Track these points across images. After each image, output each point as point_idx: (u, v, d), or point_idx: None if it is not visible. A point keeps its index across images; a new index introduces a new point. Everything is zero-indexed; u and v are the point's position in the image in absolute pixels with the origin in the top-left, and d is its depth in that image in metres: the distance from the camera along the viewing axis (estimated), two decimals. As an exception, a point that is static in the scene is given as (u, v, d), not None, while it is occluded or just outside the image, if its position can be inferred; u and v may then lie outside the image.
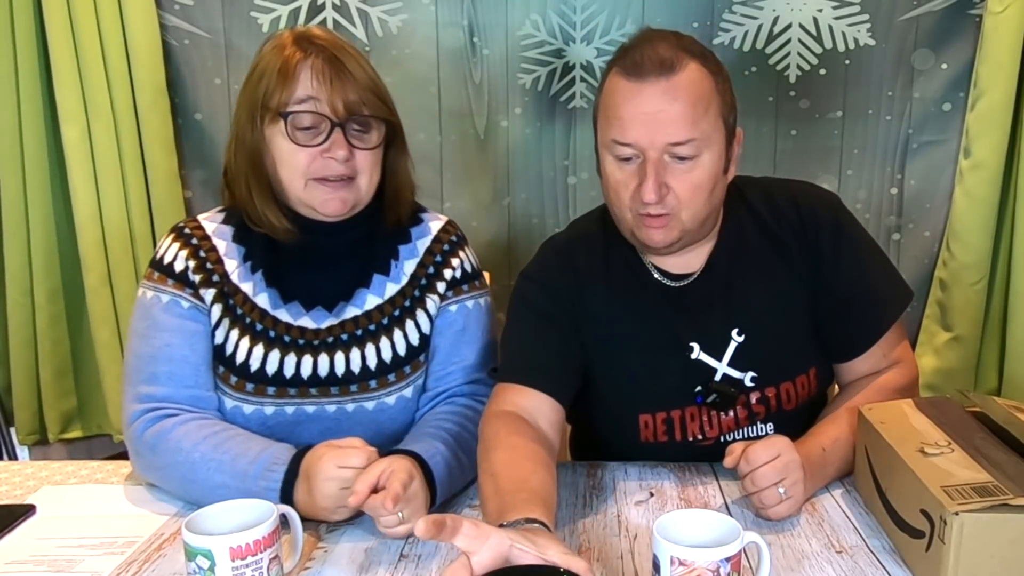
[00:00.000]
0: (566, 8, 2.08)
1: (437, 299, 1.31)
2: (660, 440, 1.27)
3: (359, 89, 1.19)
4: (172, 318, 1.23)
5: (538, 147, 2.15)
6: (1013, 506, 0.85)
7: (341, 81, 1.18)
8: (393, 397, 1.27)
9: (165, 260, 1.25)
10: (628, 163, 1.16)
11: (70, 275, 2.21)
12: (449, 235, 1.36)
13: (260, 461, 1.12)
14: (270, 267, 1.26)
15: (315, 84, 1.17)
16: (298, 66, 1.17)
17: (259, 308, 1.25)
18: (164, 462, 1.16)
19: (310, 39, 1.20)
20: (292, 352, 1.24)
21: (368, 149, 1.21)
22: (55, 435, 2.26)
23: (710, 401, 1.24)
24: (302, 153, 1.18)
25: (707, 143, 1.14)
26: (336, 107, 1.17)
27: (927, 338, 2.14)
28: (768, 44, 2.07)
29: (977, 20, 2.00)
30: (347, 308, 1.27)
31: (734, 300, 1.25)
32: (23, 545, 1.07)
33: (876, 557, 1.00)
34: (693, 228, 1.19)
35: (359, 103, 1.19)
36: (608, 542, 1.04)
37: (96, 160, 2.11)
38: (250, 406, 1.23)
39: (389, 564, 1.00)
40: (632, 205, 1.17)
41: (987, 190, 2.00)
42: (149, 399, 1.20)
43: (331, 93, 1.17)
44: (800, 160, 2.12)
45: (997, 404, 1.03)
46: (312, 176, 1.19)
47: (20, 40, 2.07)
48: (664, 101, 1.11)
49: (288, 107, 1.17)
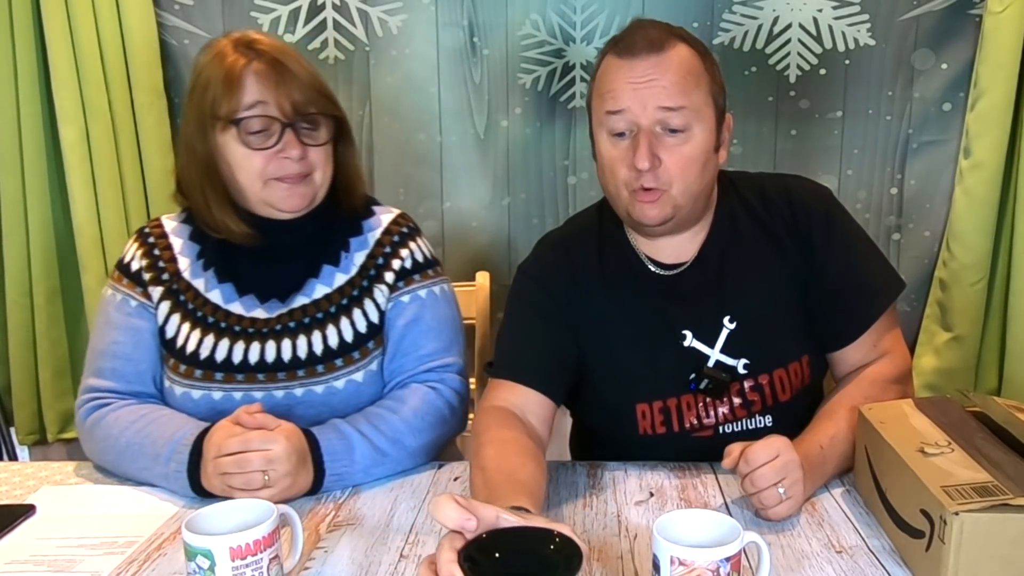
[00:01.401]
0: (566, 8, 2.08)
1: (386, 289, 1.34)
2: (658, 432, 1.28)
3: (304, 88, 1.23)
4: (122, 316, 1.32)
5: (538, 147, 2.15)
6: (1013, 506, 0.85)
7: (285, 82, 1.22)
8: (342, 381, 1.30)
9: (125, 260, 1.35)
10: (622, 139, 1.19)
11: (69, 276, 2.21)
12: (400, 227, 1.39)
13: (171, 443, 1.19)
14: (224, 264, 1.32)
15: (261, 88, 1.21)
16: (242, 72, 1.21)
17: (211, 303, 1.31)
18: (99, 447, 1.26)
19: (249, 44, 1.23)
20: (240, 340, 1.29)
21: (319, 145, 1.26)
22: (54, 435, 2.26)
23: (703, 387, 1.25)
24: (257, 156, 1.22)
25: (697, 116, 1.17)
26: (284, 108, 1.22)
27: (927, 338, 2.14)
28: (768, 44, 2.07)
29: (977, 20, 2.00)
30: (297, 297, 1.31)
31: (726, 288, 1.27)
32: (23, 545, 1.07)
33: (876, 557, 1.00)
34: (685, 205, 1.21)
35: (305, 102, 1.23)
36: (608, 542, 1.04)
37: (94, 161, 2.11)
38: (198, 391, 1.29)
39: (389, 564, 1.01)
40: (626, 180, 1.20)
41: (987, 190, 2.00)
42: (94, 390, 1.30)
43: (277, 95, 1.21)
44: (800, 160, 2.12)
45: (997, 404, 1.03)
46: (269, 176, 1.24)
47: (19, 41, 2.07)
48: (655, 72, 1.16)
49: (238, 113, 1.21)
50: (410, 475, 1.25)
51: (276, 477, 1.12)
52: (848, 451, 1.17)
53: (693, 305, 1.27)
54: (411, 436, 1.25)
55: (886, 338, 1.28)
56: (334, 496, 1.19)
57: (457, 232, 2.21)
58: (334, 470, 1.18)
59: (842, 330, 1.27)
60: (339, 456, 1.18)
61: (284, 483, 1.12)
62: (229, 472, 1.12)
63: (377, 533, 1.08)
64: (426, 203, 2.20)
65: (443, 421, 1.29)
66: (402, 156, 2.18)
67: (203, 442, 1.16)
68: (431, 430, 1.27)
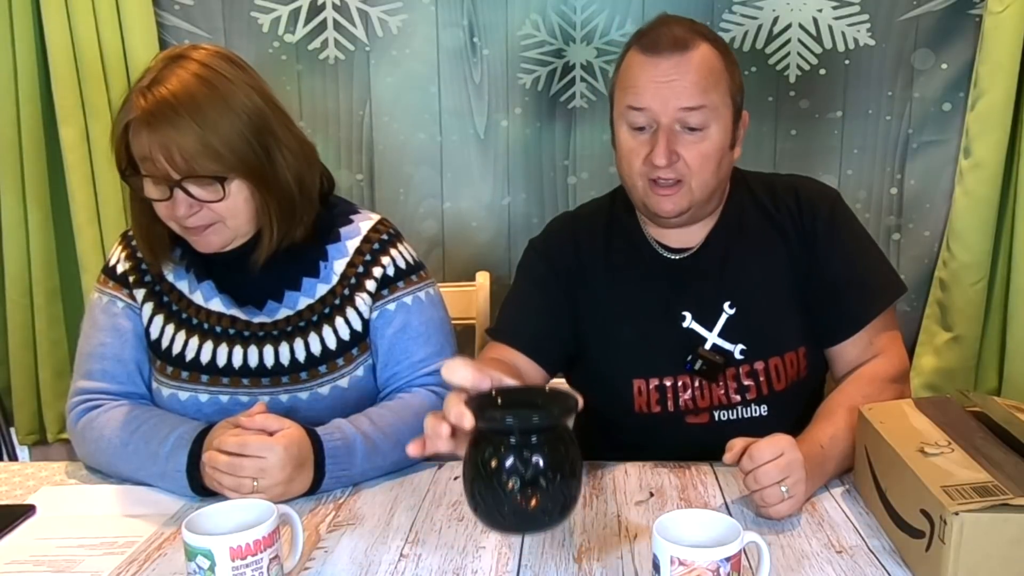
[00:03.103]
0: (566, 8, 2.08)
1: (368, 297, 1.32)
2: (653, 410, 1.31)
3: (187, 150, 1.13)
4: (108, 318, 1.32)
5: (538, 147, 2.15)
6: (1013, 506, 0.85)
7: (166, 144, 1.13)
8: (327, 387, 1.30)
9: (110, 263, 1.35)
10: (641, 132, 1.23)
11: (69, 276, 2.21)
12: (379, 234, 1.36)
13: (168, 442, 1.18)
14: (204, 268, 1.31)
15: (148, 141, 1.14)
16: (133, 125, 1.15)
17: (195, 304, 1.30)
18: (92, 449, 1.26)
19: (147, 94, 1.14)
20: (224, 343, 1.29)
21: (216, 201, 1.18)
22: (54, 435, 2.26)
23: (698, 369, 1.28)
24: (160, 206, 1.20)
25: (715, 115, 1.22)
26: (167, 169, 1.15)
27: (927, 338, 2.14)
28: (768, 44, 2.07)
29: (977, 20, 2.00)
30: (280, 309, 1.30)
31: (728, 275, 1.30)
32: (23, 545, 1.07)
33: (876, 557, 1.00)
34: (702, 199, 1.26)
35: (191, 163, 1.14)
36: (608, 542, 1.04)
37: (94, 161, 2.11)
38: (185, 393, 1.29)
39: (389, 564, 1.01)
40: (643, 171, 1.24)
41: (987, 190, 2.00)
42: (85, 392, 1.30)
43: (163, 151, 1.13)
44: (800, 160, 2.12)
45: (997, 404, 1.03)
46: (177, 224, 1.21)
47: (19, 41, 2.07)
48: (677, 72, 1.20)
49: (128, 168, 1.19)
50: (410, 475, 1.25)
51: (266, 486, 1.11)
52: (848, 450, 1.17)
53: (695, 288, 1.31)
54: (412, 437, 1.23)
55: (883, 337, 1.29)
56: (334, 496, 1.19)
57: (457, 232, 2.21)
58: (333, 473, 1.18)
59: (837, 326, 1.29)
60: (340, 459, 1.18)
61: (274, 491, 1.11)
62: (220, 470, 1.11)
63: (377, 533, 1.08)
64: (426, 203, 2.20)
65: None
66: (402, 156, 2.18)
67: (204, 440, 1.16)
68: None
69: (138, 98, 1.15)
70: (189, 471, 1.16)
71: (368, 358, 1.33)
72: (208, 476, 1.14)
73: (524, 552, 1.02)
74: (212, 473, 1.13)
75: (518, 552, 1.02)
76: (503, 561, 1.00)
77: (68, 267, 2.20)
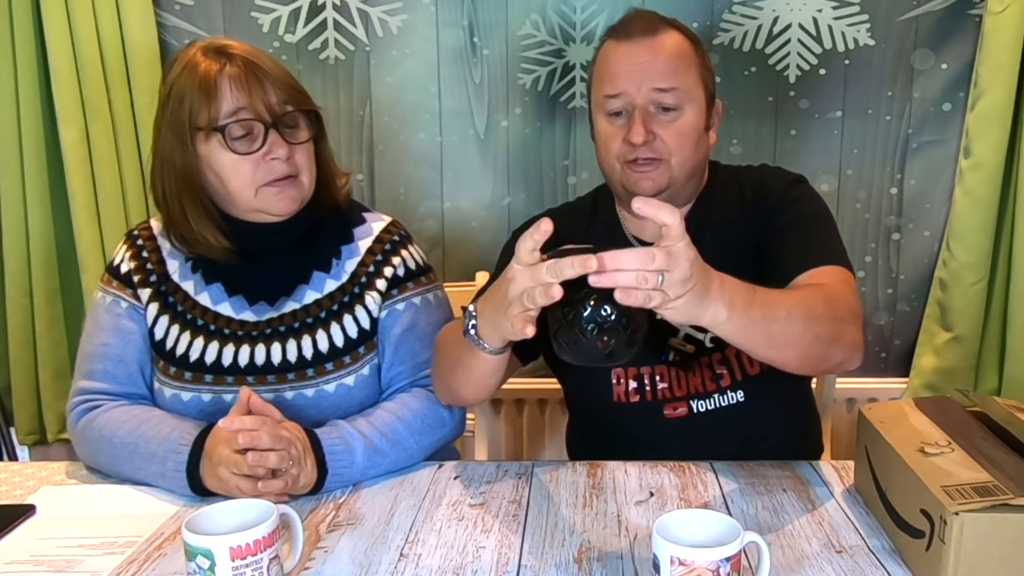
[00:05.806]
0: (566, 8, 2.09)
1: (378, 296, 1.34)
2: (632, 400, 1.32)
3: (280, 87, 1.23)
4: (111, 318, 1.32)
5: (538, 147, 2.16)
6: (1013, 506, 0.85)
7: (261, 84, 1.21)
8: (333, 385, 1.30)
9: (114, 263, 1.36)
10: (618, 117, 1.27)
11: (69, 276, 2.21)
12: (391, 235, 1.38)
13: (168, 442, 1.18)
14: (212, 266, 1.31)
15: (238, 92, 1.20)
16: (217, 79, 1.20)
17: (200, 305, 1.31)
18: (92, 449, 1.26)
19: (220, 50, 1.23)
20: (230, 343, 1.30)
21: (302, 143, 1.27)
22: (54, 435, 2.26)
23: (672, 359, 1.31)
24: (246, 163, 1.22)
25: (689, 97, 1.25)
26: (264, 110, 1.21)
27: (927, 338, 2.14)
28: (768, 44, 2.07)
29: (977, 20, 2.00)
30: (287, 303, 1.31)
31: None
32: (23, 545, 1.07)
33: (876, 557, 1.00)
34: (681, 176, 1.28)
35: (283, 101, 1.23)
36: (608, 542, 1.04)
37: (94, 161, 2.11)
38: (188, 393, 1.29)
39: (389, 564, 1.01)
40: (621, 152, 1.26)
41: (987, 190, 2.00)
42: (85, 392, 1.30)
43: (256, 98, 1.21)
44: (800, 160, 2.12)
45: (997, 404, 1.03)
46: (260, 183, 1.23)
47: (19, 41, 2.07)
48: (649, 54, 1.25)
49: (219, 121, 1.20)
50: (410, 475, 1.25)
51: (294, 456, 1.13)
52: (780, 315, 1.04)
53: None
54: (411, 438, 1.25)
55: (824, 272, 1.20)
56: (334, 496, 1.19)
57: (457, 232, 2.21)
58: (335, 469, 1.18)
59: (771, 277, 1.16)
60: (340, 456, 1.18)
61: (294, 471, 1.13)
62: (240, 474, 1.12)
63: (377, 533, 1.08)
64: (426, 203, 2.20)
65: (442, 424, 1.30)
66: (402, 156, 2.18)
67: (205, 440, 1.16)
68: (430, 432, 1.28)
69: (211, 59, 1.21)
70: (189, 471, 1.16)
71: (374, 357, 1.34)
72: (221, 472, 1.13)
73: (524, 552, 1.02)
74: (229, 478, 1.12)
75: (518, 552, 1.02)
76: (503, 561, 1.00)
77: (68, 267, 2.20)
